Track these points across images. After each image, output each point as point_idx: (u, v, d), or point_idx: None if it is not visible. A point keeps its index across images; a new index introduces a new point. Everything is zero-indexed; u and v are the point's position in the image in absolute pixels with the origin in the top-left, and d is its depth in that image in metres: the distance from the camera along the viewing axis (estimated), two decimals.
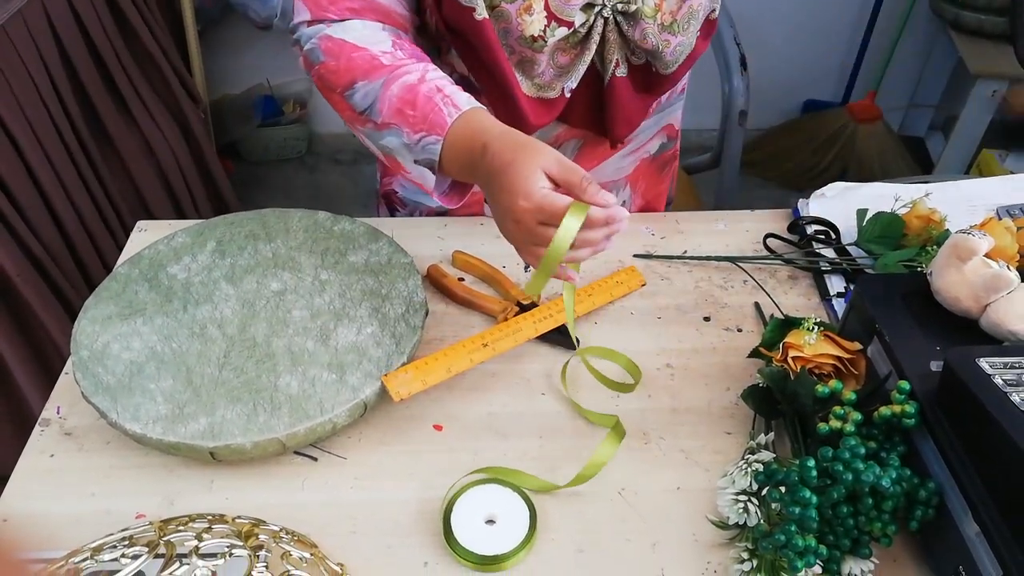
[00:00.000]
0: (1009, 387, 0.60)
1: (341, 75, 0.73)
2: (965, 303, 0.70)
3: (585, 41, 0.78)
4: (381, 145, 0.74)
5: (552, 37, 0.75)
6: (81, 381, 0.74)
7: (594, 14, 0.76)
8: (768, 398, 0.75)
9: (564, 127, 0.91)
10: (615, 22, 0.78)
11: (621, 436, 0.73)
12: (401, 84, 0.71)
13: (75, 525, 0.69)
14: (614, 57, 0.81)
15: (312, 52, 0.76)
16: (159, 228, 1.00)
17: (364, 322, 0.79)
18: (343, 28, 0.75)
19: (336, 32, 0.75)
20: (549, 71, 0.80)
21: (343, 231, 0.90)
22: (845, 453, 0.61)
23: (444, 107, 0.69)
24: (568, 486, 0.71)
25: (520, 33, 0.75)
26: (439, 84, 0.71)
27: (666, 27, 0.78)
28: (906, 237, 0.90)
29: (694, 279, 0.94)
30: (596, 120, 0.89)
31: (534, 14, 0.73)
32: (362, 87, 0.73)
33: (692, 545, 0.68)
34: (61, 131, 1.51)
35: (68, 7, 1.55)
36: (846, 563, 0.63)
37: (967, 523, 0.59)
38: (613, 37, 0.79)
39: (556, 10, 0.74)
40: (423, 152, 0.70)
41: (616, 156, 0.98)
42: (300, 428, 0.70)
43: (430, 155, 0.70)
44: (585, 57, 0.80)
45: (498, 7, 0.74)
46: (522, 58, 0.78)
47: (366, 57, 0.73)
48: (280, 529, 0.67)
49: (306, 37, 0.77)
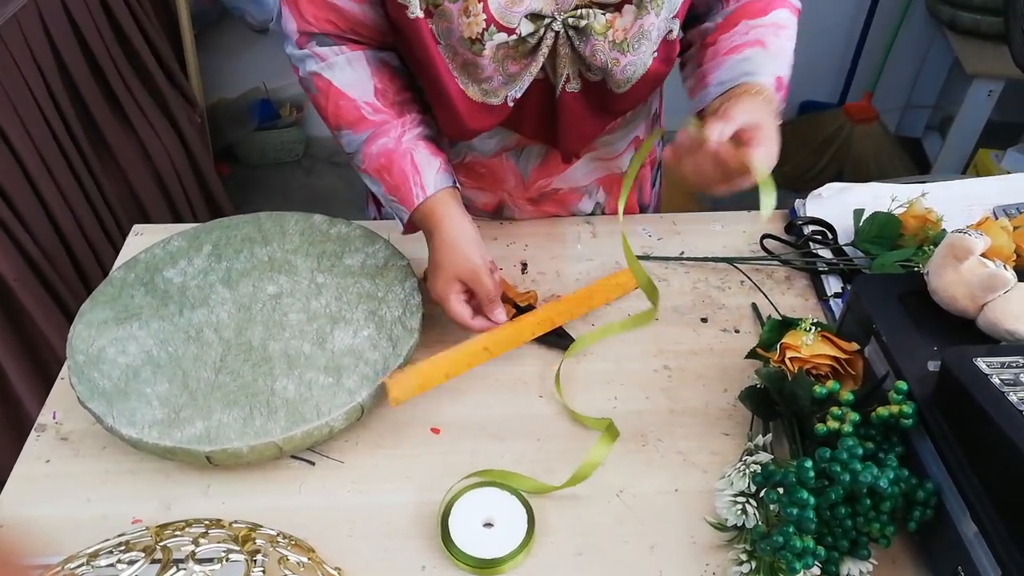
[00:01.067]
0: (1006, 387, 0.59)
1: (329, 116, 0.82)
2: (962, 303, 0.70)
3: (534, 52, 0.78)
4: (363, 179, 0.85)
5: (490, 41, 0.74)
6: (77, 386, 0.73)
7: (543, 26, 0.76)
8: (766, 399, 0.74)
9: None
10: (567, 36, 0.77)
11: (614, 437, 0.74)
12: (381, 146, 0.81)
13: (71, 530, 0.69)
14: (565, 71, 0.80)
15: (306, 81, 0.83)
16: (155, 232, 0.99)
17: (361, 325, 0.79)
18: (331, 69, 0.81)
19: (325, 72, 0.81)
20: (497, 78, 0.79)
21: (339, 234, 0.90)
22: (843, 454, 0.61)
23: (413, 186, 0.80)
24: (563, 487, 0.71)
25: (460, 34, 0.74)
26: (412, 150, 0.81)
27: (616, 45, 0.77)
28: (903, 237, 0.90)
29: (691, 280, 0.94)
30: (548, 133, 0.89)
31: (471, 16, 0.72)
32: (347, 135, 0.82)
33: (690, 547, 0.68)
34: (57, 135, 1.50)
35: (63, 11, 1.55)
36: (844, 564, 0.63)
37: (965, 523, 0.59)
38: (565, 51, 0.78)
39: (497, 14, 0.73)
40: (394, 208, 0.83)
41: (583, 160, 0.97)
42: (297, 432, 0.70)
43: (399, 214, 0.82)
44: (532, 68, 0.79)
45: (440, 5, 0.73)
46: (465, 60, 0.77)
47: (351, 108, 0.81)
48: (277, 533, 0.66)
49: (298, 59, 0.82)
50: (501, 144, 0.93)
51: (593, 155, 0.97)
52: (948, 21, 2.14)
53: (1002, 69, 1.98)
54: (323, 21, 0.79)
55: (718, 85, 0.78)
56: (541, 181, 0.97)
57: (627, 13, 0.76)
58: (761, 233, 0.98)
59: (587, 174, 0.99)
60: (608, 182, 1.02)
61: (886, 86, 2.50)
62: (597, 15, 0.75)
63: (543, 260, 0.96)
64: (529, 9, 0.74)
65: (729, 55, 0.79)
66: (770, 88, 0.76)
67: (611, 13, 0.76)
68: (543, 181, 0.97)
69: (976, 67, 2.04)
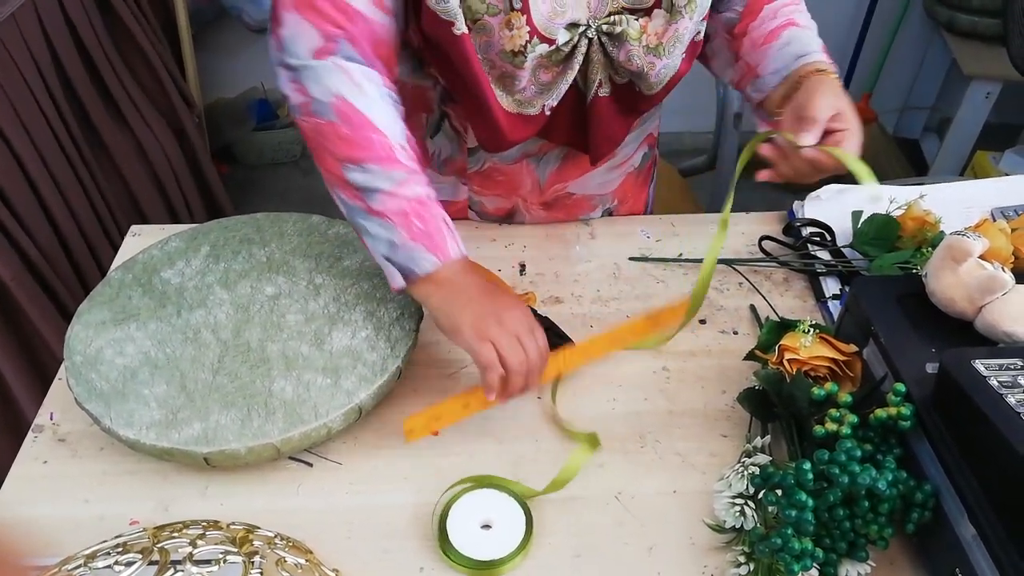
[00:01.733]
0: (1004, 389, 0.59)
1: (352, 146, 0.71)
2: (960, 305, 0.70)
3: (568, 60, 0.78)
4: (358, 223, 0.74)
5: (532, 53, 0.74)
6: (74, 387, 0.73)
7: (578, 34, 0.76)
8: (764, 401, 0.75)
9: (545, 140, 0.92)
10: (600, 43, 0.78)
11: (594, 447, 0.75)
12: (414, 191, 0.72)
13: (69, 531, 0.69)
14: (598, 77, 0.81)
15: (320, 104, 0.71)
16: (152, 233, 0.99)
17: (359, 326, 0.79)
18: (360, 89, 0.71)
19: (351, 95, 0.71)
20: (531, 88, 0.80)
21: (338, 235, 0.89)
22: (841, 456, 0.61)
23: (450, 240, 0.72)
24: (543, 493, 0.71)
25: (501, 47, 0.74)
26: (444, 216, 0.74)
27: (651, 49, 0.78)
28: (901, 239, 0.90)
29: (689, 282, 0.94)
30: (578, 138, 0.89)
31: (514, 29, 0.73)
32: (372, 169, 0.71)
33: (689, 549, 0.68)
34: (57, 135, 1.50)
35: (60, 11, 1.55)
36: (843, 566, 0.63)
37: (963, 525, 0.59)
38: (597, 57, 0.79)
39: (540, 26, 0.73)
40: (408, 260, 0.72)
41: (600, 170, 0.98)
42: (295, 433, 0.70)
43: (413, 266, 0.71)
44: (568, 76, 0.79)
45: (480, 20, 0.73)
46: (503, 72, 0.78)
47: (385, 145, 0.71)
48: (275, 535, 0.66)
49: (315, 80, 0.71)
50: (523, 150, 0.93)
51: (611, 163, 0.98)
52: (946, 23, 2.14)
53: (1000, 71, 1.98)
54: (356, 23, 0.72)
55: (774, 74, 0.82)
56: (557, 185, 0.98)
57: (657, 17, 0.77)
58: (760, 235, 0.98)
59: (602, 184, 1.00)
60: (622, 191, 1.02)
61: (884, 88, 2.51)
62: (631, 21, 0.76)
63: (541, 261, 0.96)
64: (571, 18, 0.75)
65: (769, 43, 0.83)
66: (827, 62, 0.79)
67: (643, 18, 0.77)
68: (559, 185, 0.98)
69: (974, 69, 2.04)
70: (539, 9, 0.73)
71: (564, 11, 0.74)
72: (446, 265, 0.72)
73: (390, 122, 0.73)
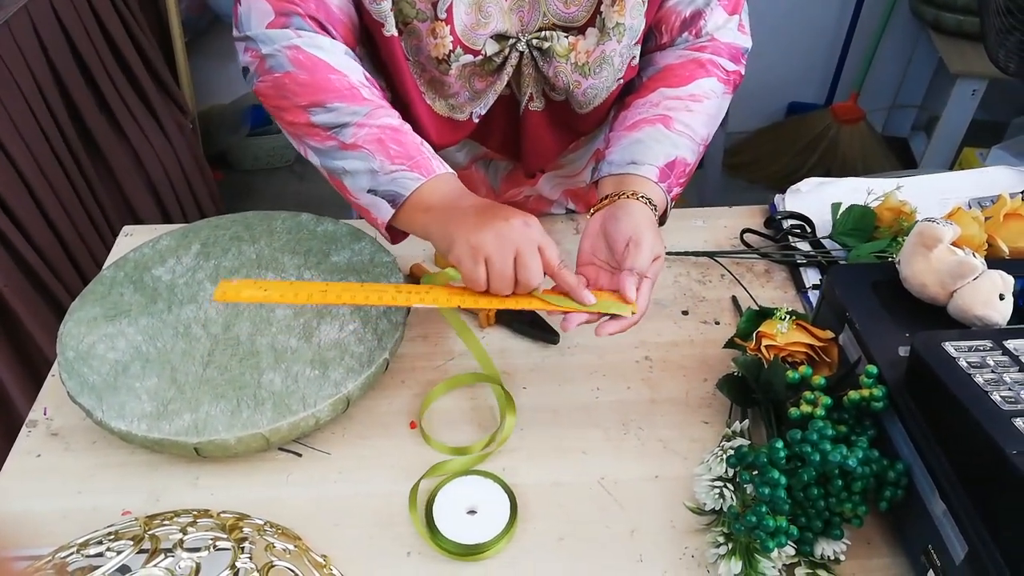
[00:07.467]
0: (973, 369, 0.61)
1: (313, 90, 0.71)
2: (932, 290, 0.71)
3: (499, 71, 0.80)
4: (334, 165, 0.73)
5: (456, 62, 0.76)
6: (67, 382, 0.74)
7: (508, 46, 0.78)
8: (743, 387, 0.76)
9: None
10: (532, 56, 0.79)
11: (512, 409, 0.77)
12: (385, 120, 0.72)
13: (62, 522, 0.70)
14: (528, 90, 0.82)
15: (274, 58, 0.72)
16: (144, 233, 1.01)
17: (346, 319, 0.81)
18: (314, 42, 0.72)
19: (307, 45, 0.72)
20: (464, 93, 0.81)
21: (326, 232, 0.91)
22: (813, 435, 0.63)
23: (432, 158, 0.71)
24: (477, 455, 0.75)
25: (428, 53, 0.76)
26: (422, 141, 0.73)
27: (578, 68, 0.79)
28: (878, 229, 0.91)
29: (673, 274, 0.95)
30: (513, 149, 0.91)
31: (438, 37, 0.74)
32: (337, 107, 0.71)
33: (670, 531, 0.69)
34: (52, 141, 1.52)
35: (54, 18, 1.56)
36: (819, 545, 0.64)
37: (934, 502, 0.61)
38: (529, 71, 0.81)
39: (462, 36, 0.75)
40: (391, 184, 0.70)
41: (548, 176, 1.00)
42: (283, 423, 0.71)
43: (399, 189, 0.70)
44: (497, 86, 0.81)
45: (411, 24, 0.75)
46: (432, 77, 0.80)
47: (345, 83, 0.72)
48: (264, 523, 0.68)
49: (267, 40, 0.72)
50: (471, 155, 0.96)
51: (556, 173, 1.00)
52: (932, 22, 2.16)
53: (985, 69, 2.00)
54: (308, 2, 0.73)
55: (608, 164, 0.79)
56: (512, 191, 1.00)
57: (590, 36, 0.78)
58: (741, 228, 0.99)
59: (553, 188, 1.03)
60: (575, 194, 1.05)
61: (872, 87, 2.53)
62: (560, 38, 0.78)
63: None
64: (494, 30, 0.76)
65: (629, 131, 0.79)
66: (651, 182, 0.76)
67: (574, 36, 0.78)
68: (513, 191, 1.00)
69: (960, 67, 2.06)
70: (461, 19, 0.74)
71: (488, 22, 0.75)
72: (433, 185, 0.69)
73: (348, 63, 0.73)
